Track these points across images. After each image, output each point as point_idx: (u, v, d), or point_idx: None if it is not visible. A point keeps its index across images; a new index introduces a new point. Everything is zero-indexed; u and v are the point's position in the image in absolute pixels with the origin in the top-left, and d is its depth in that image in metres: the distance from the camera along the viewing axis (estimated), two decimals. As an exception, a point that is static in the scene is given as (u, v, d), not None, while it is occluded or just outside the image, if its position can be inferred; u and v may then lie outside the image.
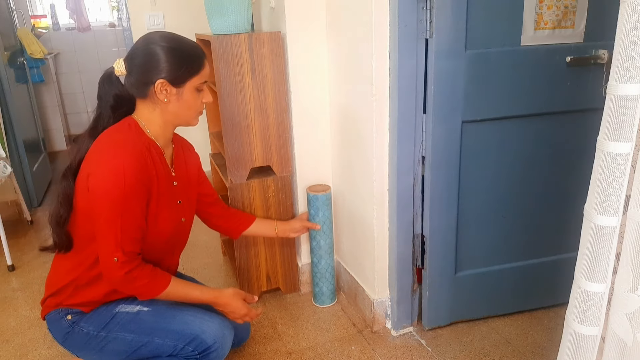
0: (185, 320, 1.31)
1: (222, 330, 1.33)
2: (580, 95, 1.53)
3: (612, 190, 0.75)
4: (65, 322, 1.30)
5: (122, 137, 1.22)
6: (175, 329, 1.29)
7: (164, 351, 1.29)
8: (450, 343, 1.68)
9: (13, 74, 3.03)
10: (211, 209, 1.60)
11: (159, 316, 1.31)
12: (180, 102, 1.24)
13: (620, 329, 0.80)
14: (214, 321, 1.33)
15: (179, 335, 1.28)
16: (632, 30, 0.68)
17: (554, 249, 1.72)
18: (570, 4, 1.45)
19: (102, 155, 1.18)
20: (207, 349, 1.29)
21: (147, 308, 1.32)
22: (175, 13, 3.04)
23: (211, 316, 1.35)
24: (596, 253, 0.79)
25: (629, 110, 0.71)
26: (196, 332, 1.29)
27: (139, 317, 1.30)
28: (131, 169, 1.15)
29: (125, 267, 1.17)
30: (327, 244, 1.85)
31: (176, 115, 1.27)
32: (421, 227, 1.64)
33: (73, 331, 1.29)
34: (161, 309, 1.33)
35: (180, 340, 1.28)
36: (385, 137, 1.54)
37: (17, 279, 2.28)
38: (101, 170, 1.15)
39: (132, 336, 1.28)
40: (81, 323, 1.29)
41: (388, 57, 1.45)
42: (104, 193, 1.14)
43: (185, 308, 1.35)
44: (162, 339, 1.28)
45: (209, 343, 1.29)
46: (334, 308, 1.91)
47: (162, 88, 1.21)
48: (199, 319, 1.32)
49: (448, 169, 1.55)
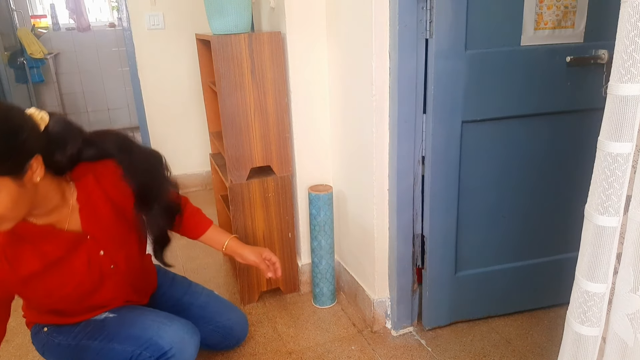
0: (143, 325, 1.26)
1: (180, 334, 1.27)
2: (580, 95, 1.53)
3: (613, 190, 0.75)
4: (42, 334, 1.29)
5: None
6: (133, 334, 1.25)
7: (124, 357, 1.24)
8: (450, 343, 1.68)
9: (13, 74, 3.03)
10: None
11: (121, 322, 1.27)
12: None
13: (621, 329, 0.80)
14: (173, 325, 1.28)
15: (136, 340, 1.24)
16: (633, 30, 0.68)
17: (554, 249, 1.72)
18: (570, 4, 1.45)
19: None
20: (164, 354, 1.23)
21: (114, 315, 1.29)
22: (175, 13, 3.04)
23: (172, 320, 1.29)
24: (597, 253, 0.79)
25: (630, 111, 0.71)
26: (152, 337, 1.24)
27: (103, 324, 1.27)
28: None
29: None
30: (328, 244, 1.84)
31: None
32: (421, 227, 1.64)
33: (48, 343, 1.29)
34: (126, 314, 1.30)
35: (137, 346, 1.23)
36: (385, 137, 1.54)
37: (17, 279, 2.28)
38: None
39: (96, 343, 1.26)
40: (54, 334, 1.28)
41: (388, 57, 1.45)
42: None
43: (149, 313, 1.32)
44: (121, 345, 1.24)
45: (165, 348, 1.23)
46: (334, 308, 1.91)
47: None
48: (157, 323, 1.27)
49: (448, 169, 1.54)
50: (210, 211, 2.86)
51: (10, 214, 0.98)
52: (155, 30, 3.04)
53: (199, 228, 1.51)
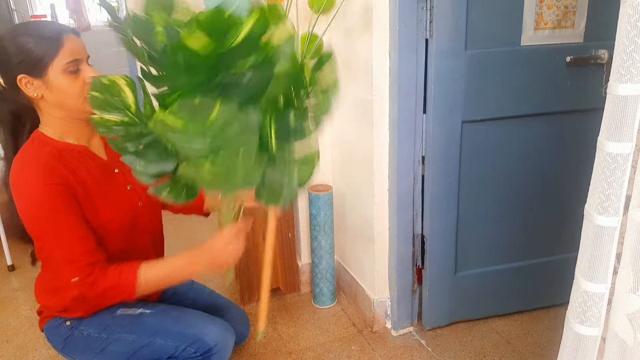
0: (188, 322, 1.30)
1: (224, 333, 1.32)
2: (580, 95, 1.53)
3: (613, 190, 0.75)
4: (64, 328, 1.29)
5: (23, 158, 1.13)
6: (178, 330, 1.28)
7: (165, 352, 1.28)
8: (450, 343, 1.68)
9: (13, 74, 3.03)
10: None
11: (162, 317, 1.30)
12: (53, 92, 1.09)
13: (620, 329, 0.80)
14: (217, 324, 1.32)
15: (181, 336, 1.28)
16: (633, 30, 0.68)
17: (554, 249, 1.72)
18: (570, 4, 1.45)
19: (13, 188, 1.13)
20: (209, 350, 1.28)
21: (150, 310, 1.31)
22: (175, 13, 3.03)
23: (214, 319, 1.34)
24: (596, 253, 0.79)
25: (630, 111, 0.71)
26: (198, 334, 1.28)
27: (141, 319, 1.29)
28: (40, 189, 1.08)
29: (85, 283, 1.10)
30: (328, 244, 1.85)
31: (61, 106, 1.12)
32: (421, 227, 1.64)
33: (72, 335, 1.29)
34: (164, 310, 1.33)
35: (182, 341, 1.27)
36: (385, 137, 1.54)
37: (17, 279, 2.28)
38: (19, 204, 1.12)
39: (133, 337, 1.28)
40: (80, 327, 1.29)
41: (388, 57, 1.45)
42: (30, 225, 1.11)
43: (188, 310, 1.35)
44: (164, 340, 1.28)
45: (211, 345, 1.27)
46: (334, 308, 1.91)
47: (25, 84, 1.08)
48: (202, 321, 1.31)
49: (448, 169, 1.55)
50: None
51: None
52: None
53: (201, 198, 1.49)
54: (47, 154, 1.12)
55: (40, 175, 1.09)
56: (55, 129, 1.16)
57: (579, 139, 1.57)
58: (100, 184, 1.19)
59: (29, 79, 1.08)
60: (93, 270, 1.12)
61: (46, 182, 1.08)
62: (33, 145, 1.14)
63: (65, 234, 1.10)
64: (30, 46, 1.05)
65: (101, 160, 1.23)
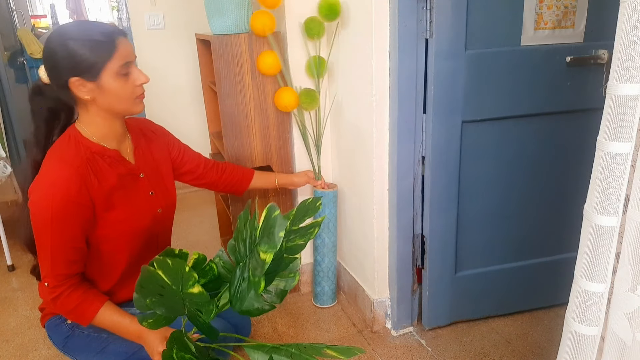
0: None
1: (225, 329, 1.32)
2: (580, 95, 1.53)
3: (612, 190, 0.75)
4: (65, 327, 1.30)
5: (57, 155, 1.14)
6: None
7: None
8: (450, 343, 1.68)
9: (13, 74, 3.03)
10: (206, 178, 1.54)
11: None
12: (105, 94, 1.10)
13: (619, 328, 0.80)
14: (217, 321, 1.32)
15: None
16: (632, 30, 0.68)
17: (554, 249, 1.72)
18: (570, 4, 1.45)
19: (38, 179, 1.12)
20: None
21: None
22: (175, 13, 3.04)
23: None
24: (596, 253, 0.79)
25: (629, 110, 0.71)
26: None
27: None
28: (62, 191, 1.08)
29: (53, 292, 1.13)
30: (331, 242, 1.84)
31: (110, 108, 1.14)
32: (421, 227, 1.64)
33: (73, 334, 1.29)
34: None
35: None
36: (385, 137, 1.54)
37: (17, 279, 2.28)
38: (33, 195, 1.11)
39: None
40: (81, 326, 1.29)
41: (388, 57, 1.45)
42: (34, 218, 1.11)
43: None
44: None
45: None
46: (334, 308, 1.91)
47: (78, 86, 1.09)
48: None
49: (448, 169, 1.55)
50: (210, 211, 2.86)
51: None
52: (155, 30, 3.04)
53: (244, 180, 1.61)
54: (83, 156, 1.14)
55: (65, 183, 1.09)
56: (94, 129, 1.17)
57: (578, 138, 1.57)
58: (126, 188, 1.22)
59: (82, 82, 1.08)
60: (65, 283, 1.15)
61: (63, 194, 1.08)
62: (70, 143, 1.15)
63: (59, 243, 1.11)
64: (84, 50, 1.06)
65: (129, 164, 1.24)
